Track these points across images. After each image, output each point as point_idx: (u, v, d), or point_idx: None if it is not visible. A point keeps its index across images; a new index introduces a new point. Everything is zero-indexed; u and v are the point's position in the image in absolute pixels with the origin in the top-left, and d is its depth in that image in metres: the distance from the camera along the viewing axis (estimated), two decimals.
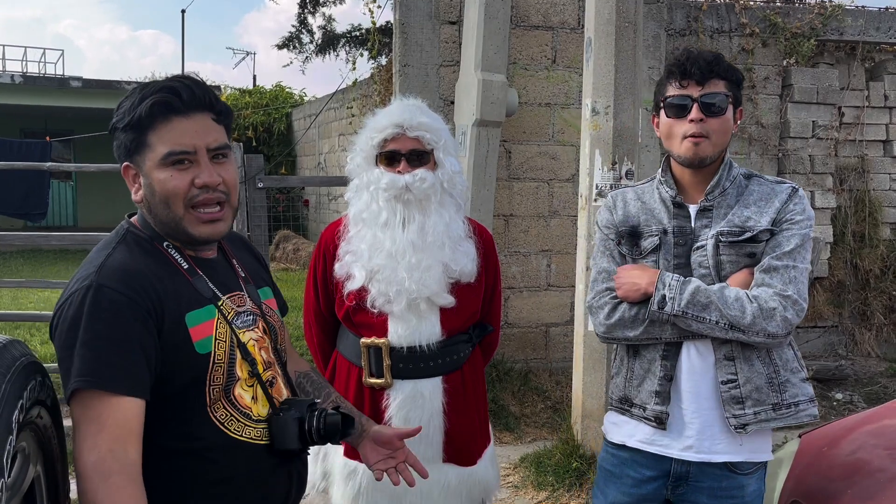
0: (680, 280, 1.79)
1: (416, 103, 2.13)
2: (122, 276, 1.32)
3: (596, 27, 3.71)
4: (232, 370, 1.42)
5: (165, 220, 1.40)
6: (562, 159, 5.30)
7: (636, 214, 1.92)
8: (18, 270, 10.58)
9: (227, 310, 1.45)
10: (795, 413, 1.82)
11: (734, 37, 5.71)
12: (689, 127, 1.78)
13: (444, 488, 2.11)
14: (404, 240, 2.02)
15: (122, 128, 1.38)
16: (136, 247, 1.41)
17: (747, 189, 1.85)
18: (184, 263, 1.43)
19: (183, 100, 1.37)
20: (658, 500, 1.91)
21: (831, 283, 6.10)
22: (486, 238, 2.22)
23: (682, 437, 1.83)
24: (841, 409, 5.03)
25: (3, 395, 1.20)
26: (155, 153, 1.37)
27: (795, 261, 1.77)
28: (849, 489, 1.88)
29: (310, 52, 11.99)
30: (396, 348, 2.05)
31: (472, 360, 2.20)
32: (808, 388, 1.83)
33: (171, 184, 1.37)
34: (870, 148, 6.14)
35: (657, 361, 1.85)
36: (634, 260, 1.92)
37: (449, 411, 2.10)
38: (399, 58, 4.98)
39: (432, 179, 2.04)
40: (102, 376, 1.26)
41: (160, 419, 1.35)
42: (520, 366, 5.24)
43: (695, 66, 1.78)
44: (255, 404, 1.45)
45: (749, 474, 1.84)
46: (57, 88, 14.48)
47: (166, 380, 1.34)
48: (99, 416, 1.25)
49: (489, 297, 2.25)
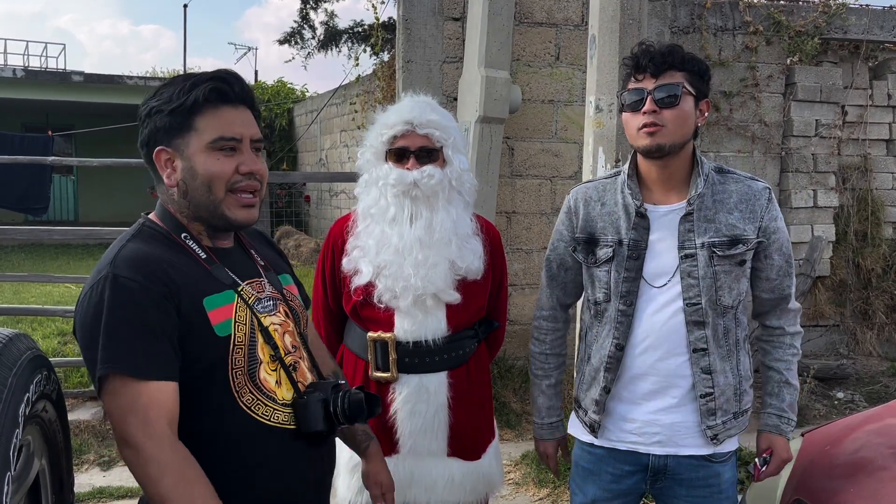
0: (795, 422, 1.91)
1: (426, 100, 2.14)
2: (135, 264, 1.34)
3: (600, 24, 3.71)
4: (253, 353, 1.43)
5: (204, 202, 1.43)
6: (565, 156, 5.30)
7: (595, 219, 1.91)
8: (20, 265, 10.57)
9: (246, 295, 1.47)
10: (746, 419, 1.90)
11: (738, 35, 5.70)
12: (643, 118, 1.77)
13: (448, 482, 2.12)
14: (412, 236, 2.03)
15: (167, 111, 1.41)
16: (152, 239, 1.44)
17: (724, 188, 1.84)
18: (202, 253, 1.45)
19: (234, 91, 1.44)
20: (637, 494, 1.94)
21: (833, 283, 6.10)
22: (493, 235, 2.22)
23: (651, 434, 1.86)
24: (842, 408, 5.03)
25: (9, 388, 1.20)
26: (202, 137, 1.41)
27: (794, 292, 1.92)
28: (851, 488, 1.88)
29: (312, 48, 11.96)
30: (402, 343, 2.06)
31: (478, 355, 2.21)
32: (752, 393, 1.92)
33: (217, 167, 1.41)
34: (873, 147, 6.13)
35: (601, 372, 1.89)
36: (588, 268, 1.92)
37: (454, 406, 2.10)
38: (402, 54, 4.97)
39: (440, 176, 2.04)
40: (129, 363, 1.28)
41: (187, 405, 1.36)
42: (521, 363, 5.24)
43: (647, 58, 1.77)
44: (279, 388, 1.47)
45: (723, 462, 1.88)
46: (59, 83, 14.46)
47: (189, 363, 1.36)
48: (134, 404, 1.27)
49: (495, 293, 2.26)
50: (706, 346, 1.80)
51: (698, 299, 1.79)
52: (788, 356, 1.91)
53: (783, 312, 1.92)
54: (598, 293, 1.90)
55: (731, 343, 1.83)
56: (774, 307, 1.91)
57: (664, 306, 1.82)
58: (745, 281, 1.84)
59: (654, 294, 1.82)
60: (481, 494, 2.21)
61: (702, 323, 1.79)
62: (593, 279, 1.91)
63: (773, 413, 1.90)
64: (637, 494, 1.94)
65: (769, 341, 1.94)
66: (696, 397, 1.82)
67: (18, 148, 11.14)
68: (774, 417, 1.90)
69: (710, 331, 1.80)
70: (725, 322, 1.82)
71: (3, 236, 4.87)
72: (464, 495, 2.15)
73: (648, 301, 1.83)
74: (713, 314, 1.79)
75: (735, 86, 5.70)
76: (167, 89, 1.44)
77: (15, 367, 1.25)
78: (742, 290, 1.84)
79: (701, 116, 1.82)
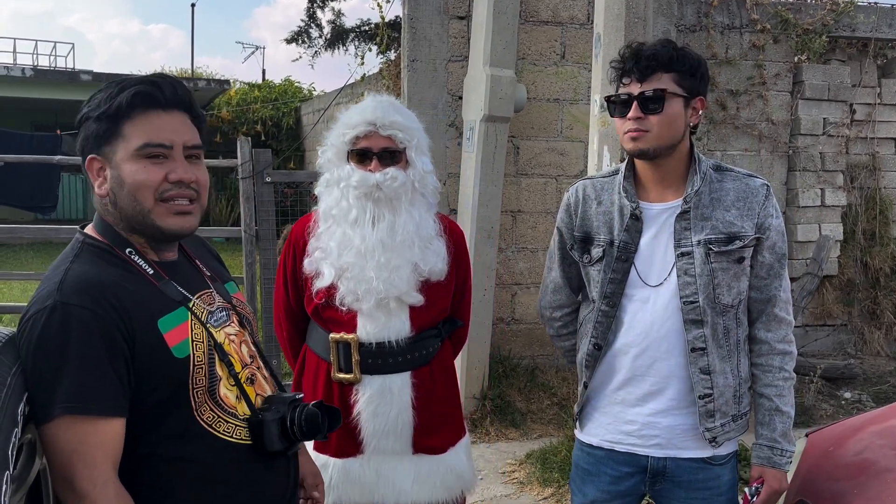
0: (791, 452, 1.83)
1: (389, 100, 2.10)
2: (84, 290, 1.28)
3: (605, 22, 3.70)
4: (213, 371, 1.39)
5: (132, 213, 1.37)
6: (570, 155, 5.29)
7: (591, 218, 1.90)
8: (28, 263, 10.64)
9: (198, 310, 1.42)
10: (744, 422, 1.88)
11: (745, 33, 5.67)
12: (629, 124, 1.76)
13: (415, 478, 2.10)
14: (374, 238, 2.01)
15: (95, 117, 1.36)
16: (96, 258, 1.37)
17: (721, 186, 1.81)
18: (149, 269, 1.39)
19: (165, 95, 1.37)
20: (637, 496, 1.93)
21: (841, 282, 6.06)
22: (457, 235, 2.21)
23: (650, 437, 1.85)
24: (849, 408, 5.00)
25: (8, 387, 1.20)
26: (129, 144, 1.35)
27: (789, 298, 1.86)
28: (855, 489, 1.86)
29: (319, 47, 11.97)
30: (365, 344, 2.04)
31: (441, 354, 2.19)
32: (750, 395, 1.88)
33: (142, 175, 1.35)
34: (881, 145, 6.09)
35: (582, 367, 1.93)
36: (584, 266, 1.92)
37: (418, 406, 2.09)
38: (408, 53, 4.97)
39: (403, 178, 2.02)
40: (81, 402, 1.23)
41: (148, 429, 1.33)
42: (526, 362, 5.23)
43: (633, 62, 1.74)
44: (240, 403, 1.44)
45: (723, 464, 1.86)
46: (67, 82, 14.54)
47: (148, 390, 1.32)
48: (81, 445, 1.23)
49: (459, 293, 2.25)
50: (704, 346, 1.78)
51: (695, 297, 1.77)
52: (779, 381, 1.82)
53: (770, 320, 1.83)
54: (593, 291, 1.90)
55: (731, 343, 1.81)
56: (762, 311, 1.84)
57: (660, 305, 1.80)
58: (745, 279, 1.81)
59: (650, 293, 1.81)
60: (455, 491, 2.18)
61: (700, 322, 1.77)
62: (589, 278, 1.92)
63: (765, 445, 1.82)
64: (636, 496, 1.93)
65: (758, 364, 1.85)
66: (694, 399, 1.80)
67: (27, 147, 11.19)
68: (766, 449, 1.82)
69: (709, 330, 1.77)
70: (725, 322, 1.79)
71: (12, 234, 4.90)
72: (433, 491, 2.13)
73: (644, 301, 1.82)
74: (712, 313, 1.77)
75: (742, 84, 5.68)
76: (100, 94, 1.38)
77: (14, 367, 1.24)
78: (743, 288, 1.81)
79: (694, 114, 1.80)
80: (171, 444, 1.36)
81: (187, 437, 1.37)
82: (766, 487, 1.82)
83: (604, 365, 1.89)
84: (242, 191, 4.67)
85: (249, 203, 4.66)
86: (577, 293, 2.04)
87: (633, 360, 1.84)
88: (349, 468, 2.09)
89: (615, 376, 1.88)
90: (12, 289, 8.13)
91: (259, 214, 4.67)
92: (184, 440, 1.37)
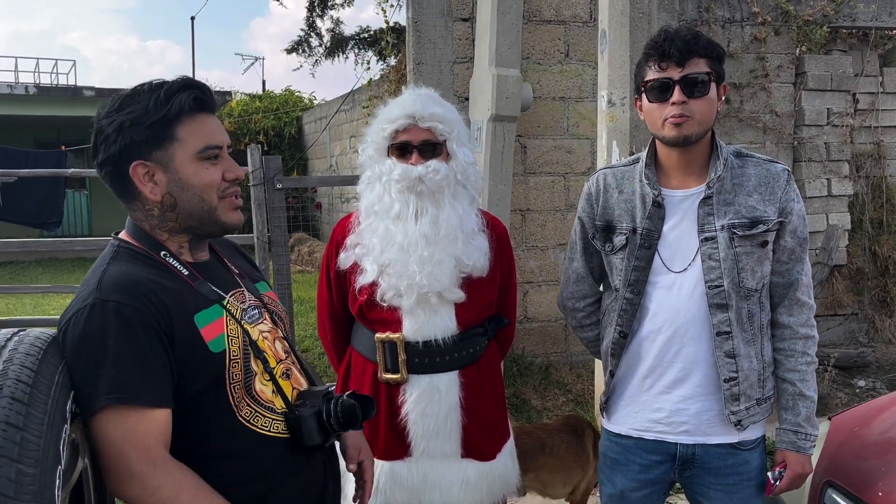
0: (815, 436, 1.84)
1: (428, 93, 2.08)
2: (123, 287, 1.31)
3: (610, 19, 3.73)
4: (248, 366, 1.42)
5: (198, 212, 1.42)
6: (577, 153, 5.31)
7: (613, 207, 1.91)
8: (37, 278, 10.69)
9: (233, 308, 1.45)
10: (769, 405, 1.87)
11: (746, 26, 5.70)
12: (672, 109, 1.72)
13: (463, 484, 2.07)
14: (417, 232, 1.97)
15: (144, 124, 1.36)
16: (132, 259, 1.41)
17: (742, 172, 1.82)
18: (183, 270, 1.43)
19: (209, 98, 1.44)
20: (666, 483, 1.93)
21: (850, 271, 6.07)
22: (500, 231, 2.17)
23: (679, 424, 1.86)
24: (864, 396, 5.00)
25: (56, 385, 1.22)
26: (187, 147, 1.39)
27: (810, 282, 1.87)
28: (883, 466, 1.88)
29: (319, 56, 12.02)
30: (412, 343, 2.01)
31: (489, 353, 2.16)
32: (774, 380, 1.88)
33: (208, 176, 1.41)
34: (885, 134, 6.11)
35: (608, 357, 1.94)
36: (606, 255, 1.93)
37: (466, 406, 2.05)
38: (413, 56, 5.01)
39: (445, 171, 1.98)
40: (130, 393, 1.26)
41: (188, 427, 1.35)
42: (540, 360, 5.25)
43: (673, 46, 1.72)
44: (276, 398, 1.46)
45: (752, 449, 1.86)
46: (70, 98, 14.60)
47: (186, 384, 1.35)
48: (133, 433, 1.26)
49: (504, 290, 2.21)
50: (729, 330, 1.79)
51: (720, 281, 1.78)
52: (801, 366, 1.83)
53: (792, 304, 1.84)
54: (615, 280, 1.91)
55: (755, 328, 1.82)
56: (784, 296, 1.85)
57: (686, 291, 1.81)
58: (768, 264, 1.82)
59: (674, 279, 1.82)
60: (498, 496, 2.16)
61: (725, 306, 1.78)
62: (611, 266, 1.92)
63: (789, 429, 1.84)
64: (666, 483, 1.93)
65: (780, 349, 1.86)
66: (720, 383, 1.81)
67: (32, 164, 11.20)
68: (790, 434, 1.83)
69: (734, 314, 1.79)
70: (749, 306, 1.81)
71: (25, 249, 4.94)
72: (480, 497, 2.10)
73: (668, 287, 1.83)
74: (736, 297, 1.78)
75: (745, 77, 5.70)
76: (137, 102, 1.38)
77: (61, 365, 1.27)
78: (766, 272, 1.82)
79: (719, 101, 1.82)
80: (216, 441, 1.39)
81: (227, 433, 1.39)
82: (788, 472, 1.82)
83: (630, 353, 1.90)
84: (254, 198, 4.69)
85: (261, 210, 4.68)
86: (599, 283, 2.05)
87: (659, 346, 1.85)
88: (397, 471, 2.05)
89: (642, 364, 1.88)
90: (25, 304, 8.19)
91: (271, 221, 4.69)
92: (224, 437, 1.39)
